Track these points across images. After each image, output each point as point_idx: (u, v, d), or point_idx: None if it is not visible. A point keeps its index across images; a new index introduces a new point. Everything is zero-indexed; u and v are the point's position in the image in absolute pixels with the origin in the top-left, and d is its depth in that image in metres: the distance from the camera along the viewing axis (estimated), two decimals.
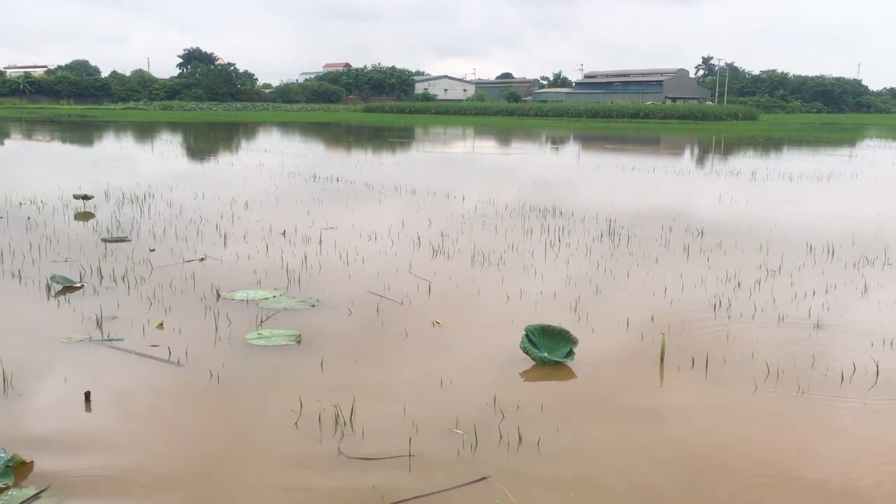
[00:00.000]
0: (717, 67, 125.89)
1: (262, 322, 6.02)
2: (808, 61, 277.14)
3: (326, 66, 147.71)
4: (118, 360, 5.20)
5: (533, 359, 5.19)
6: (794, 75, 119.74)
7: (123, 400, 4.57)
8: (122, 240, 9.26)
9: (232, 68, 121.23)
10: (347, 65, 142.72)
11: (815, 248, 8.96)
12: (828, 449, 4.01)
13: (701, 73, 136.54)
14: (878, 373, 5.00)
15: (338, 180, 16.16)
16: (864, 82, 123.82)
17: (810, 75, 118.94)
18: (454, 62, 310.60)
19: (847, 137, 41.12)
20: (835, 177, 18.32)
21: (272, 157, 23.27)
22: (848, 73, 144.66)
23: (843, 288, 7.22)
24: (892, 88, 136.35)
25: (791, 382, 4.86)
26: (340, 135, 42.63)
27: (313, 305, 6.50)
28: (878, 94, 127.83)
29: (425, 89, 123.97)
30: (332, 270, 7.78)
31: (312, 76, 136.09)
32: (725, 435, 4.17)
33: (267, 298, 6.67)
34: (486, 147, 34.13)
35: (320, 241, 9.21)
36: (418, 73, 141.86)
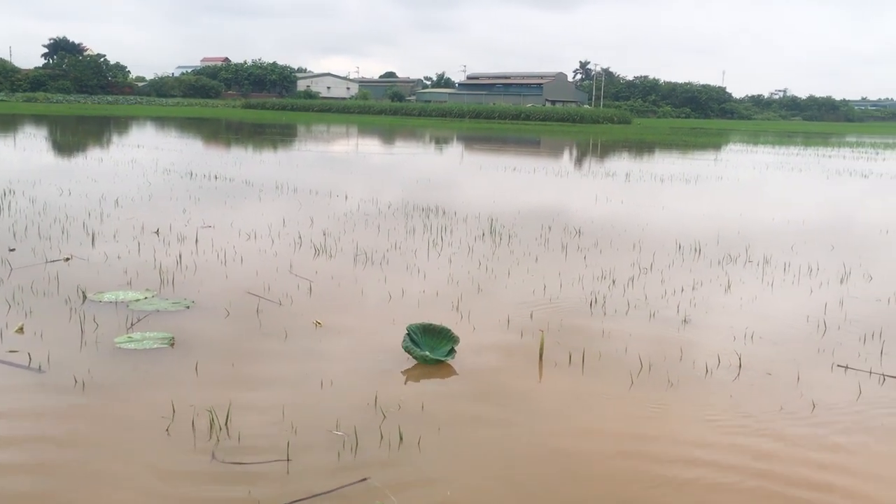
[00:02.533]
0: (593, 72, 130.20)
1: (132, 325, 5.75)
2: (678, 68, 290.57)
3: (204, 60, 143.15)
4: None
5: (415, 358, 5.18)
6: (664, 81, 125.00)
7: None
8: None
9: (102, 60, 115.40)
10: (226, 59, 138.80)
11: (684, 246, 9.38)
12: (696, 439, 4.19)
13: (579, 77, 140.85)
14: (740, 365, 5.27)
15: (216, 178, 15.69)
16: (728, 90, 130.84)
17: (679, 82, 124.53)
18: (337, 60, 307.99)
19: (713, 141, 43.34)
20: (702, 179, 19.25)
21: (146, 152, 22.35)
22: (714, 81, 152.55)
23: (709, 285, 7.58)
24: (753, 96, 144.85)
25: (662, 376, 5.06)
26: (219, 131, 41.45)
27: (188, 307, 6.27)
28: (741, 101, 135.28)
29: (308, 87, 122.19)
30: (208, 270, 7.53)
31: (189, 70, 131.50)
32: (602, 429, 4.28)
33: (138, 300, 6.38)
34: (370, 146, 33.98)
35: (196, 240, 8.90)
36: (301, 70, 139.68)
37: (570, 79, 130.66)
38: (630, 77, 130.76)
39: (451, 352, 5.28)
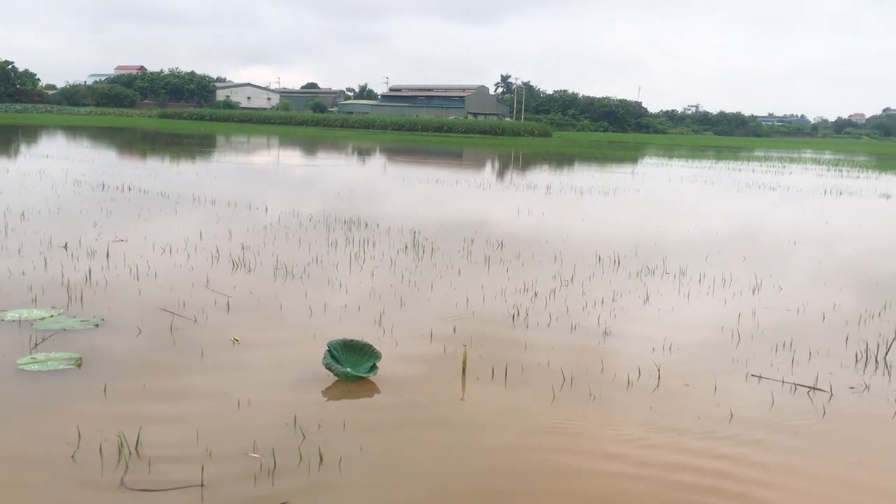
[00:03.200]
0: (514, 86, 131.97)
1: (36, 345, 5.46)
2: (596, 83, 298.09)
3: (119, 68, 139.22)
4: None
5: (336, 375, 5.08)
6: (583, 96, 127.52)
7: None
8: None
9: (10, 66, 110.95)
10: (142, 68, 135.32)
11: (604, 258, 9.52)
12: (616, 452, 4.21)
13: (500, 90, 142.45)
14: (659, 376, 5.34)
15: (130, 189, 15.19)
16: (644, 104, 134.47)
17: (598, 96, 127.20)
18: (258, 70, 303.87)
19: (630, 155, 44.40)
20: (620, 191, 19.66)
21: (55, 163, 21.49)
22: (630, 96, 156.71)
23: (628, 296, 7.70)
24: (668, 111, 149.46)
25: (583, 389, 5.08)
26: (134, 141, 40.28)
27: (97, 325, 6.00)
28: (656, 116, 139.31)
29: (227, 96, 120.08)
30: (120, 286, 7.25)
31: (103, 78, 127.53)
32: (524, 444, 4.26)
33: (43, 318, 6.08)
34: (292, 157, 33.55)
35: (108, 255, 8.56)
36: (220, 80, 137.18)
37: (491, 92, 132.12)
38: (550, 91, 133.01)
39: (374, 368, 5.19)
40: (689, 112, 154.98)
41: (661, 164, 35.60)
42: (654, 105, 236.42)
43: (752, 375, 5.47)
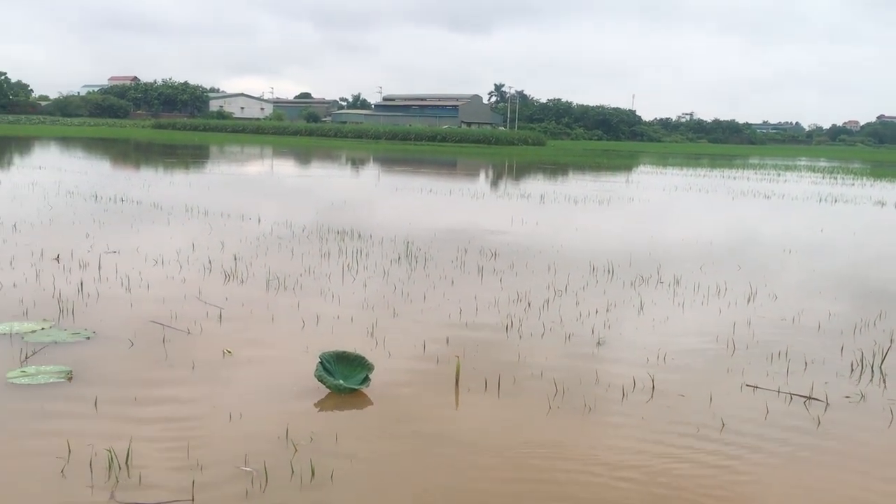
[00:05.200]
0: (508, 95, 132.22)
1: (26, 358, 5.42)
2: (590, 92, 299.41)
3: (112, 78, 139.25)
4: None
5: (328, 387, 5.04)
6: (577, 104, 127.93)
7: None
8: None
9: (2, 78, 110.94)
10: (135, 78, 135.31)
11: (598, 268, 9.51)
12: (612, 463, 4.18)
13: (494, 99, 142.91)
14: (653, 387, 5.32)
15: (122, 200, 15.14)
16: (638, 113, 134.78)
17: (591, 105, 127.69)
18: (251, 80, 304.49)
19: (624, 163, 44.49)
20: (614, 200, 19.67)
21: (48, 174, 21.44)
22: (624, 104, 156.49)
23: (622, 306, 7.68)
24: (662, 119, 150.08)
25: (578, 400, 5.05)
26: (128, 152, 40.23)
27: (88, 338, 5.96)
28: (650, 124, 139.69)
29: (220, 107, 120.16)
30: (111, 298, 7.20)
31: (96, 89, 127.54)
32: (518, 457, 4.23)
33: (34, 331, 6.03)
34: (285, 167, 33.53)
35: (99, 267, 8.52)
36: (213, 90, 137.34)
37: (485, 101, 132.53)
38: (544, 100, 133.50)
39: (366, 380, 5.16)
40: (684, 120, 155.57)
41: (656, 172, 35.67)
42: (648, 113, 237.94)
43: (748, 385, 5.45)
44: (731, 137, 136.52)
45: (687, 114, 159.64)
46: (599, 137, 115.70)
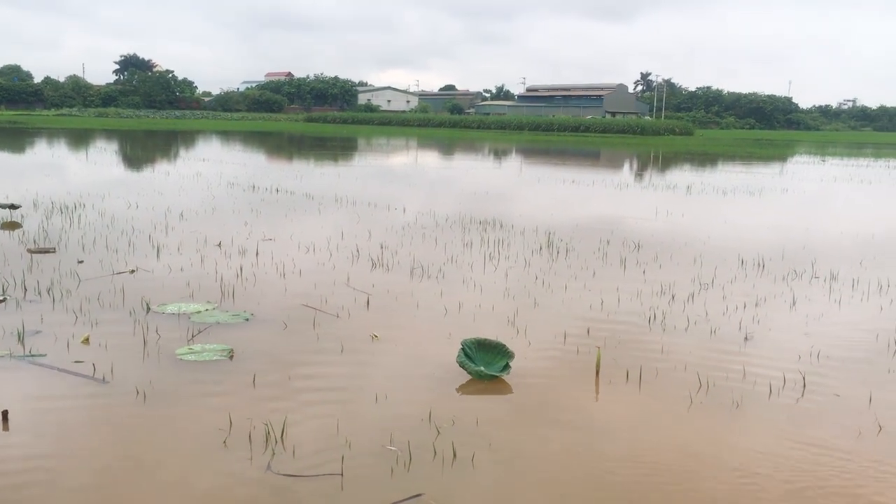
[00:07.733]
0: (654, 83, 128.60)
1: (193, 337, 5.86)
2: (742, 79, 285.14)
3: (268, 75, 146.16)
4: (40, 377, 5.00)
5: (469, 373, 5.16)
6: (728, 92, 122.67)
7: (43, 419, 4.39)
8: (49, 251, 8.95)
9: (171, 76, 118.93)
10: (290, 74, 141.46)
11: (747, 261, 9.16)
12: (759, 465, 4.06)
13: (640, 88, 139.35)
14: (804, 385, 5.11)
15: (277, 191, 15.96)
16: (794, 100, 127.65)
17: (744, 92, 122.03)
18: (397, 73, 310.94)
19: (778, 153, 42.36)
20: (766, 191, 18.81)
21: (210, 166, 22.88)
22: (779, 91, 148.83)
23: (773, 301, 7.38)
24: (820, 106, 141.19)
25: (722, 396, 4.93)
26: (282, 144, 42.20)
27: (247, 319, 6.37)
28: (808, 111, 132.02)
29: (368, 100, 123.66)
30: (267, 283, 7.65)
31: (254, 85, 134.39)
32: (659, 451, 4.19)
33: (199, 312, 6.51)
34: (429, 158, 34.16)
35: (257, 253, 9.05)
36: (361, 84, 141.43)
37: (630, 90, 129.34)
38: (692, 88, 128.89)
39: (506, 367, 5.24)
40: (846, 107, 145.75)
41: (813, 162, 33.77)
42: (805, 100, 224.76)
43: None
44: None
45: (849, 100, 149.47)
46: (752, 126, 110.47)
